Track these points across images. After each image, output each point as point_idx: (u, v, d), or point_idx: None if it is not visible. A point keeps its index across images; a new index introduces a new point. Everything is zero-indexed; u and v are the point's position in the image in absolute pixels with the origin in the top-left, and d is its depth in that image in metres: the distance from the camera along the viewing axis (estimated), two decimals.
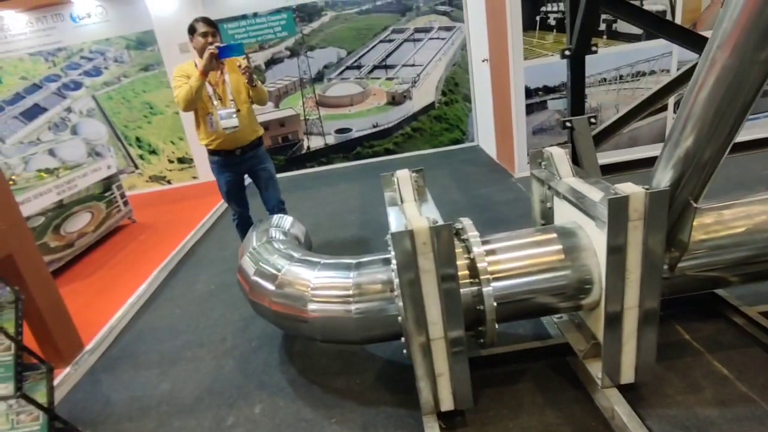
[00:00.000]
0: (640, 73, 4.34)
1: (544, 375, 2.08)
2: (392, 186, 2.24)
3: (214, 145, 3.10)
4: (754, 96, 1.46)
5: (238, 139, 3.10)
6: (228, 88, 3.00)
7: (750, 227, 1.89)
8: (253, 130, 3.20)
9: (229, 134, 3.01)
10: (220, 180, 3.27)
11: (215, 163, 3.21)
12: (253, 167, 3.29)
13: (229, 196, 3.32)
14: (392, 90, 6.19)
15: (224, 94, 3.01)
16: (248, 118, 3.13)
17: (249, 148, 3.20)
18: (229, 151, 3.13)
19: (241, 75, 3.02)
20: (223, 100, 3.01)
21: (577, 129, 2.44)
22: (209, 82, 2.97)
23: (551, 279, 1.86)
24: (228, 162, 3.17)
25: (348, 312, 1.97)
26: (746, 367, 1.92)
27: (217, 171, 3.25)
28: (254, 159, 3.26)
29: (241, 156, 3.18)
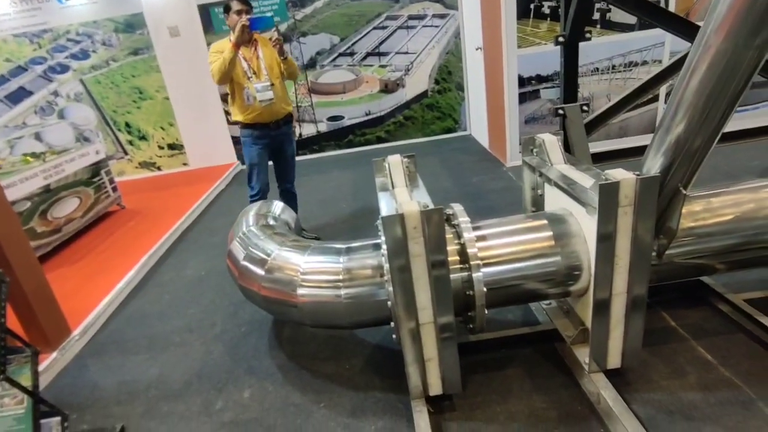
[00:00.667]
0: (633, 63, 4.35)
1: (533, 361, 2.10)
2: (384, 171, 2.23)
3: (251, 118, 3.22)
4: (746, 82, 1.46)
5: (273, 113, 3.24)
6: (262, 63, 3.14)
7: (738, 215, 1.91)
8: (285, 104, 3.34)
9: (266, 107, 3.16)
10: (251, 152, 3.34)
11: (249, 136, 3.31)
12: (282, 144, 3.42)
13: (258, 170, 3.37)
14: (385, 78, 6.14)
15: (258, 69, 3.15)
16: (281, 92, 3.28)
17: (282, 123, 3.35)
18: (264, 124, 3.26)
19: (273, 50, 3.20)
20: (258, 74, 3.14)
21: (570, 116, 2.44)
22: (243, 57, 3.12)
23: (541, 265, 1.87)
24: (262, 135, 3.29)
25: (338, 297, 1.97)
26: (730, 353, 1.95)
27: (249, 144, 3.33)
28: (284, 135, 3.41)
29: (274, 130, 3.31)
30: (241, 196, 5.10)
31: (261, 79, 3.13)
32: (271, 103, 3.15)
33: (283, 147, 3.44)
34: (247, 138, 3.33)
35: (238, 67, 3.10)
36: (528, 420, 1.81)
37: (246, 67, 3.13)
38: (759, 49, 1.37)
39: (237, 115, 3.27)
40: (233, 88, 3.19)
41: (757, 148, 2.82)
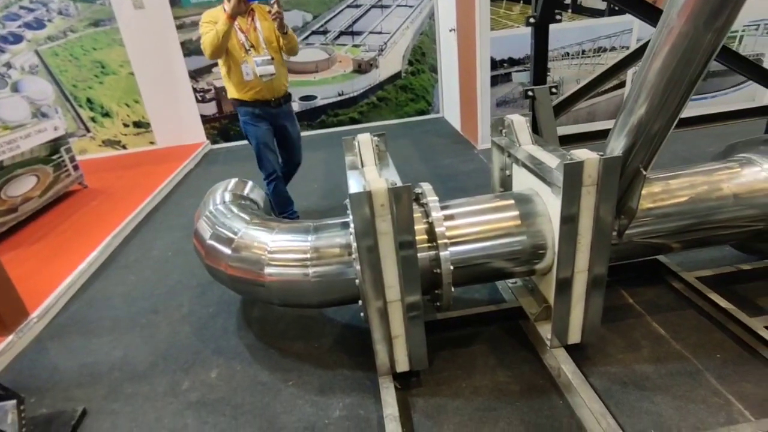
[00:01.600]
0: (602, 48, 4.42)
1: (498, 337, 2.15)
2: (353, 150, 2.21)
3: (250, 95, 3.03)
4: (705, 64, 1.50)
5: (274, 89, 3.06)
6: (260, 36, 2.94)
7: (693, 196, 1.99)
8: (285, 81, 3.16)
9: (266, 83, 2.98)
10: (256, 132, 3.12)
11: (249, 114, 3.10)
12: (285, 123, 3.22)
13: (266, 150, 3.15)
14: (359, 57, 6.05)
15: (257, 42, 2.95)
16: (281, 66, 3.09)
17: (283, 101, 3.17)
18: (265, 101, 3.06)
19: (271, 23, 2.97)
20: (257, 48, 2.95)
21: (539, 98, 2.47)
22: (240, 29, 2.91)
23: (507, 244, 1.90)
24: (263, 113, 3.10)
25: (306, 275, 1.96)
26: (681, 327, 2.05)
27: (251, 123, 3.12)
28: (287, 114, 3.22)
29: (275, 107, 3.12)
30: (210, 175, 4.99)
31: (260, 53, 2.94)
32: (272, 79, 2.97)
33: (286, 126, 3.23)
34: (248, 117, 3.11)
35: (234, 40, 2.89)
36: (491, 394, 1.86)
37: (243, 40, 2.92)
38: (717, 32, 1.41)
39: (234, 92, 3.06)
40: (229, 63, 2.97)
41: (713, 135, 2.92)
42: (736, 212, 2.00)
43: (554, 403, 1.79)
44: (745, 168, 2.05)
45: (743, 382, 1.76)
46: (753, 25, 4.49)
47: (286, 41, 3.04)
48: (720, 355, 1.89)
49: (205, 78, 6.00)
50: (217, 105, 6.16)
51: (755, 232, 2.07)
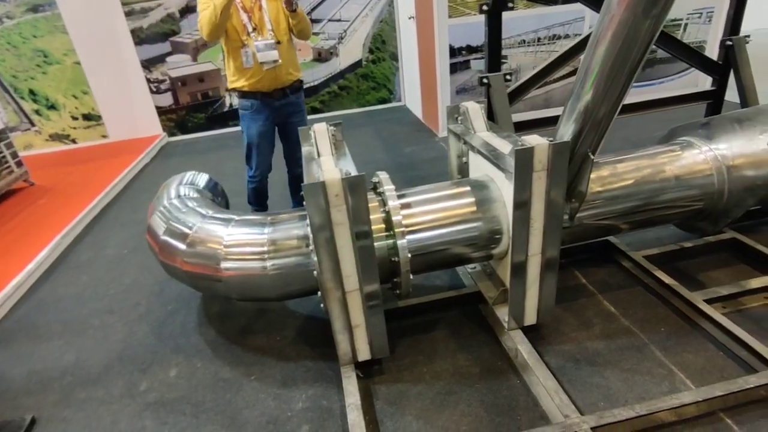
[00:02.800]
0: (556, 36, 4.51)
1: (458, 322, 2.19)
2: (310, 140, 2.18)
3: (249, 85, 2.70)
4: (645, 50, 1.55)
5: (279, 78, 2.71)
6: (266, 15, 2.61)
7: (638, 179, 2.07)
8: (294, 69, 2.81)
9: (268, 71, 2.64)
10: (251, 129, 2.83)
11: (248, 108, 2.79)
12: (290, 117, 2.89)
13: (258, 151, 2.88)
14: (318, 46, 5.94)
15: (261, 23, 2.62)
16: (289, 53, 2.74)
17: (290, 91, 2.81)
18: (267, 93, 2.73)
19: (280, 1, 2.65)
20: (260, 30, 2.62)
21: (493, 85, 2.50)
22: (243, 7, 2.60)
23: (464, 230, 1.93)
24: (264, 107, 2.77)
25: (264, 269, 1.93)
26: (630, 304, 2.14)
27: (249, 118, 2.82)
28: (293, 106, 2.87)
29: (280, 99, 2.78)
30: (167, 169, 4.83)
31: (264, 36, 2.60)
32: (275, 66, 2.63)
33: (291, 122, 2.89)
34: (246, 110, 2.80)
35: (236, 20, 2.58)
36: (452, 377, 1.90)
37: (246, 20, 2.59)
38: (655, 19, 1.45)
39: (234, 81, 2.75)
40: (229, 47, 2.67)
41: (660, 120, 3.03)
42: (678, 193, 2.10)
43: (512, 383, 1.84)
44: (685, 151, 2.15)
45: (685, 352, 1.86)
46: (696, 13, 4.68)
47: (295, 21, 2.69)
48: (664, 328, 1.99)
49: (158, 68, 5.76)
50: (173, 96, 5.94)
51: (696, 211, 2.18)
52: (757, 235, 2.45)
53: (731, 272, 2.26)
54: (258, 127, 2.82)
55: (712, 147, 2.12)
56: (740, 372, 1.73)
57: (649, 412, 1.57)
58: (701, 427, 1.57)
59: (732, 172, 2.05)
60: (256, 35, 2.62)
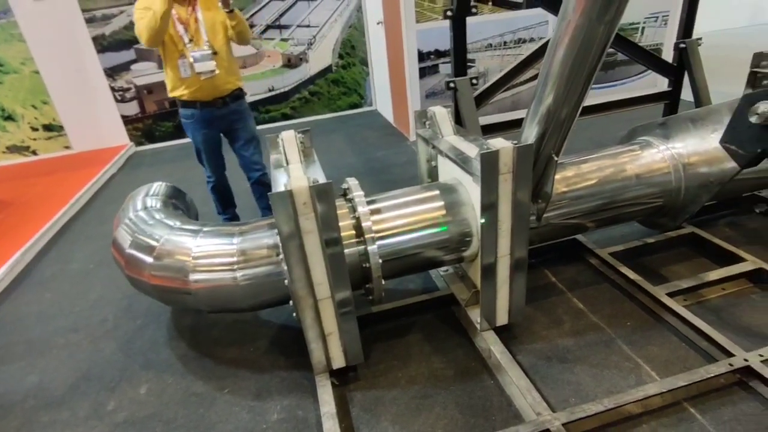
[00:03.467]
0: (522, 40, 4.61)
1: (432, 325, 2.20)
2: (278, 148, 2.16)
3: (188, 94, 2.71)
4: (601, 54, 1.60)
5: (217, 88, 2.73)
6: (201, 26, 2.62)
7: (601, 179, 2.13)
8: (234, 78, 2.83)
9: (206, 80, 2.65)
10: (195, 138, 2.87)
11: (189, 117, 2.80)
12: (233, 124, 2.90)
13: (207, 156, 2.92)
14: (288, 52, 5.91)
15: (197, 34, 2.62)
16: (228, 62, 2.76)
17: (231, 100, 2.82)
18: (207, 102, 2.75)
19: (217, 11, 2.66)
20: (197, 41, 2.62)
21: (460, 89, 2.53)
22: (179, 19, 2.60)
23: (434, 234, 1.95)
24: (206, 116, 2.78)
25: (234, 279, 1.90)
26: (597, 300, 2.20)
27: (192, 127, 2.84)
28: (236, 114, 2.88)
29: (221, 108, 2.80)
30: (135, 179, 4.71)
31: (200, 47, 2.61)
32: (213, 76, 2.64)
33: (235, 129, 2.91)
34: (188, 120, 2.81)
35: (172, 31, 2.58)
36: (427, 381, 1.91)
37: (182, 32, 2.60)
38: (609, 24, 1.50)
39: (173, 90, 2.75)
40: (166, 57, 2.67)
41: (623, 120, 3.12)
42: (639, 191, 2.18)
43: (486, 384, 1.86)
44: (644, 150, 2.22)
45: (650, 345, 1.92)
46: (653, 17, 4.86)
47: (234, 23, 2.66)
48: (630, 323, 2.05)
49: (123, 76, 5.62)
50: (140, 104, 5.80)
51: (656, 208, 2.25)
52: (713, 229, 2.56)
53: (691, 266, 2.35)
54: (202, 135, 2.87)
55: (669, 146, 2.20)
56: (702, 362, 1.79)
57: (617, 405, 1.61)
58: (666, 417, 1.63)
59: (688, 169, 2.13)
60: (192, 46, 2.63)
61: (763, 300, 2.09)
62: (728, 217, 2.70)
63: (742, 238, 2.49)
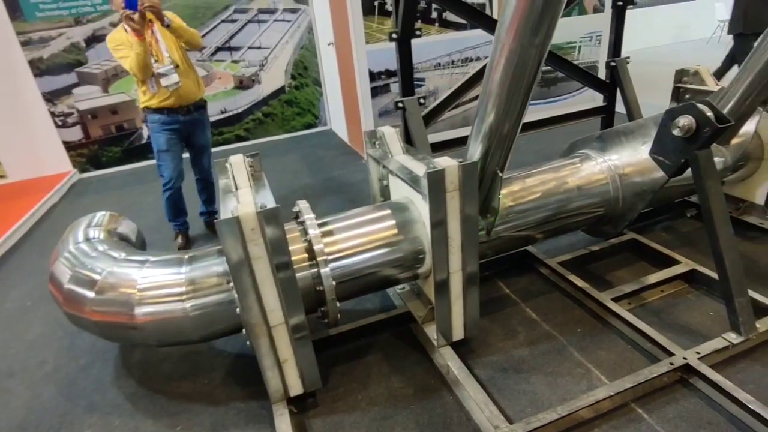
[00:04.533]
0: (468, 58, 4.78)
1: (390, 344, 2.20)
2: (226, 173, 2.12)
3: (157, 102, 3.02)
4: (536, 73, 1.67)
5: (182, 97, 3.05)
6: (162, 45, 2.92)
7: (545, 191, 2.22)
8: (197, 88, 3.16)
9: (173, 92, 2.98)
10: (158, 138, 3.13)
11: (156, 122, 3.10)
12: (193, 131, 3.24)
13: (167, 158, 3.16)
14: (239, 73, 5.86)
15: (159, 53, 2.92)
16: (189, 73, 3.09)
17: (194, 108, 3.17)
18: (173, 109, 3.07)
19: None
20: (160, 59, 2.92)
21: (408, 109, 2.59)
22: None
23: (387, 253, 1.96)
24: (171, 121, 3.10)
25: (183, 310, 1.83)
26: (549, 309, 2.27)
27: (156, 129, 3.13)
28: (196, 122, 3.22)
29: (185, 116, 3.13)
30: (79, 208, 4.48)
31: (163, 63, 2.90)
32: (178, 87, 2.95)
33: (195, 135, 3.27)
34: (155, 124, 3.12)
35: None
36: (387, 402, 1.89)
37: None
38: (539, 47, 1.58)
39: (144, 100, 3.07)
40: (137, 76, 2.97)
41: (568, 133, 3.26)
42: (581, 201, 2.28)
43: (445, 400, 1.87)
44: (584, 163, 2.34)
45: (599, 350, 1.99)
46: (587, 37, 5.18)
47: (177, 35, 2.96)
48: (580, 329, 2.12)
49: (64, 100, 5.38)
50: (83, 129, 5.55)
51: (598, 217, 2.37)
52: (651, 234, 2.72)
53: (633, 270, 2.47)
54: (165, 135, 3.13)
55: (606, 158, 2.33)
56: (646, 363, 1.88)
57: (571, 411, 1.66)
58: (616, 419, 1.68)
59: (623, 179, 2.26)
60: (157, 64, 2.91)
61: (697, 299, 2.22)
62: (664, 222, 2.87)
63: (676, 241, 2.65)
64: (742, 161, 2.50)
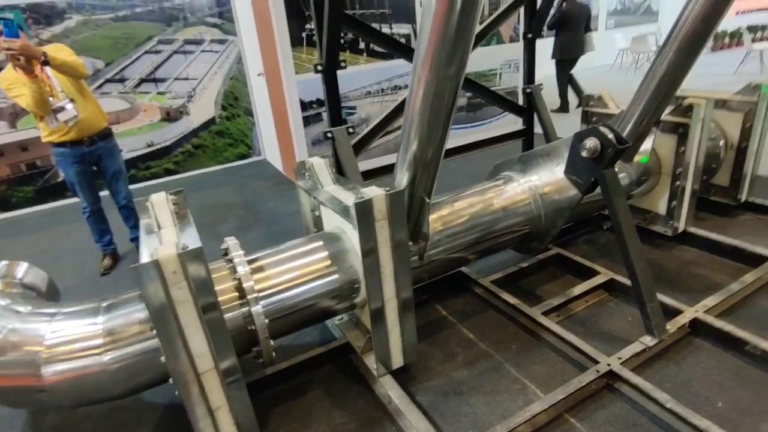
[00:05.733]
0: (398, 86, 4.93)
1: (331, 378, 2.15)
2: (148, 213, 2.02)
3: (57, 137, 3.03)
4: (453, 103, 1.74)
5: (84, 129, 3.07)
6: (54, 81, 2.90)
7: (473, 214, 2.31)
8: (99, 118, 3.18)
9: (73, 125, 2.97)
10: (68, 172, 3.20)
11: (61, 155, 3.13)
12: (101, 159, 3.25)
13: (80, 188, 3.24)
14: (166, 105, 5.66)
15: (53, 90, 2.90)
16: (87, 104, 3.09)
17: (98, 138, 3.18)
18: (76, 141, 3.08)
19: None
20: (55, 95, 2.89)
21: (338, 138, 2.61)
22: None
23: (321, 285, 1.93)
24: (75, 153, 3.11)
25: (101, 364, 1.69)
26: (485, 328, 2.33)
27: (63, 163, 3.17)
28: (103, 151, 3.23)
29: (90, 146, 3.14)
30: None
31: (58, 99, 2.87)
32: (77, 120, 2.92)
33: (104, 164, 3.27)
34: (60, 157, 3.15)
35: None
36: None
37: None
38: (453, 78, 1.65)
39: (45, 135, 3.07)
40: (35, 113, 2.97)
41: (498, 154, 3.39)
42: (508, 221, 2.39)
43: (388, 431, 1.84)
44: (507, 185, 2.46)
45: (533, 364, 2.06)
46: (507, 64, 5.54)
47: (60, 71, 2.87)
48: (515, 345, 2.19)
49: None
50: None
51: (525, 235, 2.48)
52: (574, 247, 2.89)
53: (560, 283, 2.60)
54: (73, 168, 3.17)
55: (527, 179, 2.47)
56: (576, 372, 1.96)
57: (509, 429, 1.69)
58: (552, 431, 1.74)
59: (544, 198, 2.40)
60: (53, 99, 2.88)
61: (617, 307, 2.37)
62: (584, 235, 3.07)
63: (596, 252, 2.84)
64: (645, 176, 2.74)
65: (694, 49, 2.16)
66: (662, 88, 2.29)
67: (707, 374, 1.91)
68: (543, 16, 3.21)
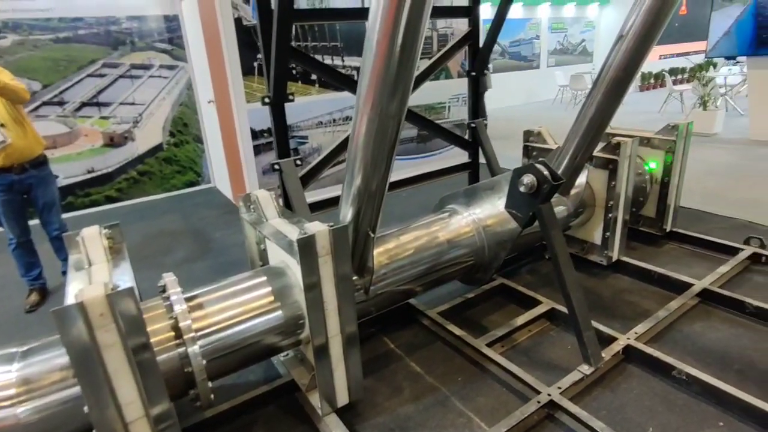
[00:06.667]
0: (349, 117, 5.01)
1: (275, 418, 2.07)
2: (78, 248, 1.91)
3: None
4: (395, 139, 1.78)
5: (14, 156, 2.95)
6: None
7: (418, 247, 2.34)
8: (33, 144, 3.06)
9: (1, 151, 2.88)
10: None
11: None
12: (33, 188, 3.13)
13: (6, 218, 3.11)
14: (109, 130, 5.45)
15: None
16: (20, 130, 2.97)
17: (30, 166, 3.06)
18: (5, 168, 2.97)
19: None
20: None
21: (285, 171, 2.60)
22: None
23: (264, 323, 1.88)
24: (4, 181, 3.00)
25: (14, 417, 1.55)
26: (432, 361, 2.33)
27: None
28: (35, 179, 3.11)
29: (20, 174, 3.03)
30: None
31: None
32: (6, 145, 2.86)
33: (35, 193, 3.14)
34: None
35: None
36: None
37: None
38: (396, 115, 1.70)
39: None
40: None
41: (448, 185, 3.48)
42: (453, 254, 2.44)
43: None
44: (452, 218, 2.53)
45: (478, 397, 2.08)
46: (455, 98, 5.77)
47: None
48: (461, 377, 2.21)
49: None
50: None
51: (470, 267, 2.54)
52: (518, 277, 2.98)
53: (504, 313, 2.66)
54: (2, 198, 3.04)
55: (471, 212, 2.54)
56: (519, 403, 1.99)
57: None
58: None
59: (487, 231, 2.47)
60: None
61: (558, 336, 2.45)
62: (528, 264, 3.18)
63: (539, 282, 2.94)
64: (581, 208, 2.89)
65: (618, 92, 2.34)
66: (593, 126, 2.47)
67: (639, 400, 1.99)
68: (485, 55, 3.38)
